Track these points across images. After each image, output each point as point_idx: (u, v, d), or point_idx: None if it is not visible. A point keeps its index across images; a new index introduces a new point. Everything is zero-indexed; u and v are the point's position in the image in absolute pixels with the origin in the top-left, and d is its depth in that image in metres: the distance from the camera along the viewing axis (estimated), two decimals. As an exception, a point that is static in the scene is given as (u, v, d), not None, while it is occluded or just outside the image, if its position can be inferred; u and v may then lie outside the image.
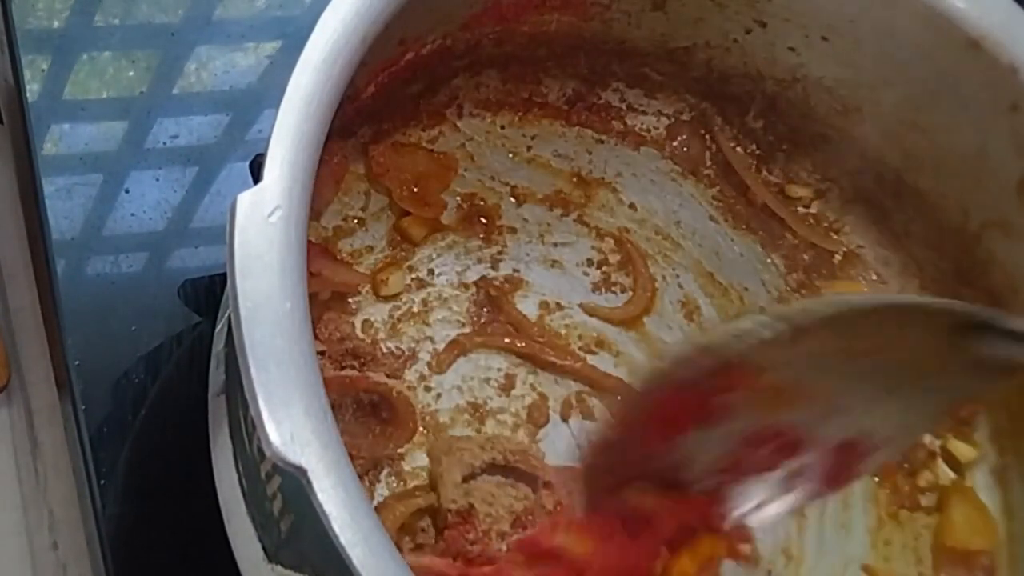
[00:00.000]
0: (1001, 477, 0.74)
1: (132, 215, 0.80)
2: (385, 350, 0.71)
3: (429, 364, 0.72)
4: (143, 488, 0.72)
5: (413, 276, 0.74)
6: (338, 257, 0.72)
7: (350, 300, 0.72)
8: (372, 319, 0.72)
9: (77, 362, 0.74)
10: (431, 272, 0.74)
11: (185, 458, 0.67)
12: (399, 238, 0.74)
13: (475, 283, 0.75)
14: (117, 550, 0.71)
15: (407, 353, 0.72)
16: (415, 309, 0.73)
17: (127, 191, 0.80)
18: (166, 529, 0.71)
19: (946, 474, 0.74)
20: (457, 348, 0.73)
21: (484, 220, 0.77)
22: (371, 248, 0.74)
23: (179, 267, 0.79)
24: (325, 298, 0.70)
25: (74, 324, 0.76)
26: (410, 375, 0.71)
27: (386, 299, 0.73)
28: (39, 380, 0.81)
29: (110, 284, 0.78)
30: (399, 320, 0.72)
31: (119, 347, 0.76)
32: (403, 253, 0.74)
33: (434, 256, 0.75)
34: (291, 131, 0.51)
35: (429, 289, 0.74)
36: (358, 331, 0.71)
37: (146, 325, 0.77)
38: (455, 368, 0.73)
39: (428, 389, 0.72)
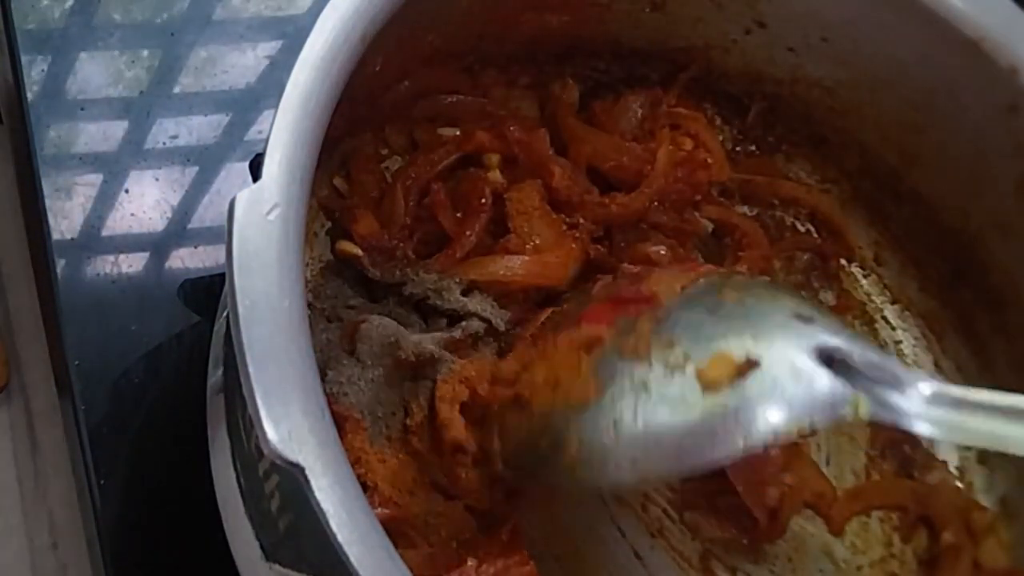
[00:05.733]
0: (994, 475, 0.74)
1: (132, 215, 0.80)
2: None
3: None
4: (143, 488, 0.72)
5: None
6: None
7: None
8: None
9: (77, 362, 0.74)
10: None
11: (185, 458, 0.67)
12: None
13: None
14: (117, 550, 0.70)
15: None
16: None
17: (127, 191, 0.80)
18: (165, 529, 0.71)
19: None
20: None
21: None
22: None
23: (179, 267, 0.79)
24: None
25: (74, 324, 0.76)
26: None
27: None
28: (39, 380, 0.81)
29: (110, 284, 0.78)
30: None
31: (119, 347, 0.76)
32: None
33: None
34: (290, 129, 0.51)
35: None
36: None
37: (146, 325, 0.77)
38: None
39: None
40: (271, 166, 0.50)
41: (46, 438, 0.80)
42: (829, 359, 0.55)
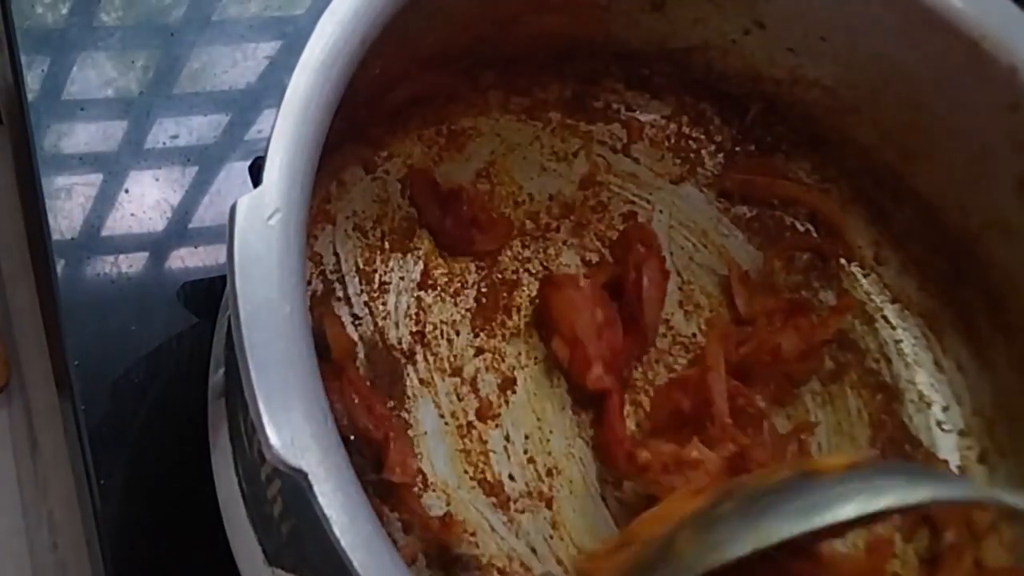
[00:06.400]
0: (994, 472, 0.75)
1: (132, 215, 0.80)
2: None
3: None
4: (143, 488, 0.72)
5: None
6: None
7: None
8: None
9: (77, 362, 0.74)
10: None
11: (185, 458, 0.68)
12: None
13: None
14: (117, 550, 0.70)
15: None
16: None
17: (127, 191, 0.80)
18: (166, 529, 0.71)
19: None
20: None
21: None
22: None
23: (179, 267, 0.79)
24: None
25: (74, 324, 0.76)
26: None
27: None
28: (39, 380, 0.82)
29: (110, 284, 0.77)
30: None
31: (119, 347, 0.76)
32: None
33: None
34: (290, 134, 0.51)
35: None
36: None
37: (146, 325, 0.77)
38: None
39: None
40: (271, 171, 0.50)
41: (46, 438, 0.80)
42: None
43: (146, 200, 0.81)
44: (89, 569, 0.76)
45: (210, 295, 0.77)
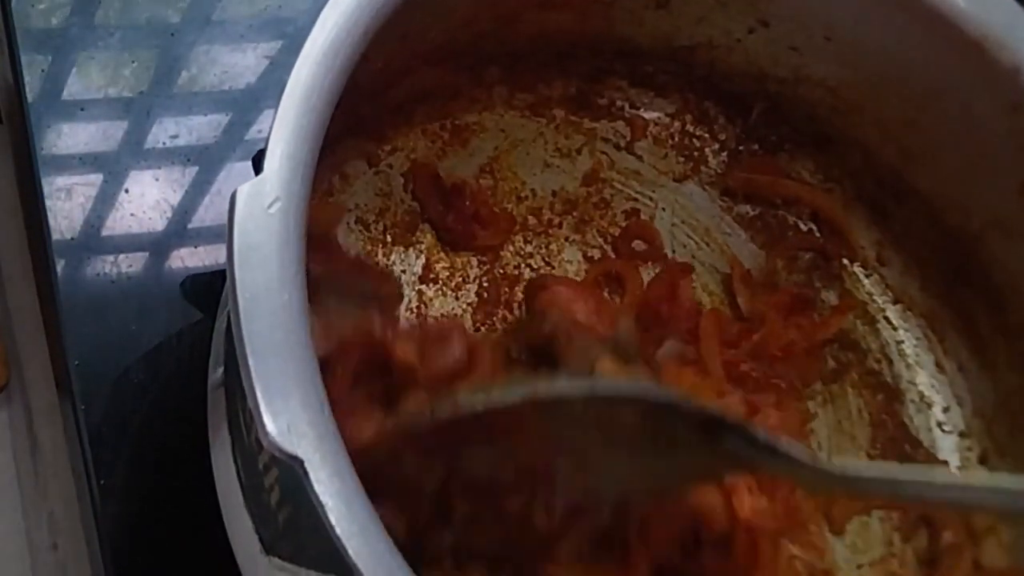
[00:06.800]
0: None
1: (132, 215, 0.80)
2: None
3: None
4: (143, 488, 0.72)
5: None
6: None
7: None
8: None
9: (77, 362, 0.74)
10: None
11: (185, 458, 0.68)
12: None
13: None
14: (117, 550, 0.70)
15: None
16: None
17: (127, 191, 0.80)
18: (166, 529, 0.71)
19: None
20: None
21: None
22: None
23: (179, 267, 0.79)
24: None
25: (74, 324, 0.76)
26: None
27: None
28: (39, 380, 0.81)
29: (110, 284, 0.77)
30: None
31: (119, 347, 0.76)
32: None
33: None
34: (291, 124, 0.51)
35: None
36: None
37: (146, 325, 0.77)
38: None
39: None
40: (272, 160, 0.50)
41: (46, 438, 0.80)
42: None
43: (146, 200, 0.81)
44: (89, 569, 0.75)
45: (211, 289, 0.77)
